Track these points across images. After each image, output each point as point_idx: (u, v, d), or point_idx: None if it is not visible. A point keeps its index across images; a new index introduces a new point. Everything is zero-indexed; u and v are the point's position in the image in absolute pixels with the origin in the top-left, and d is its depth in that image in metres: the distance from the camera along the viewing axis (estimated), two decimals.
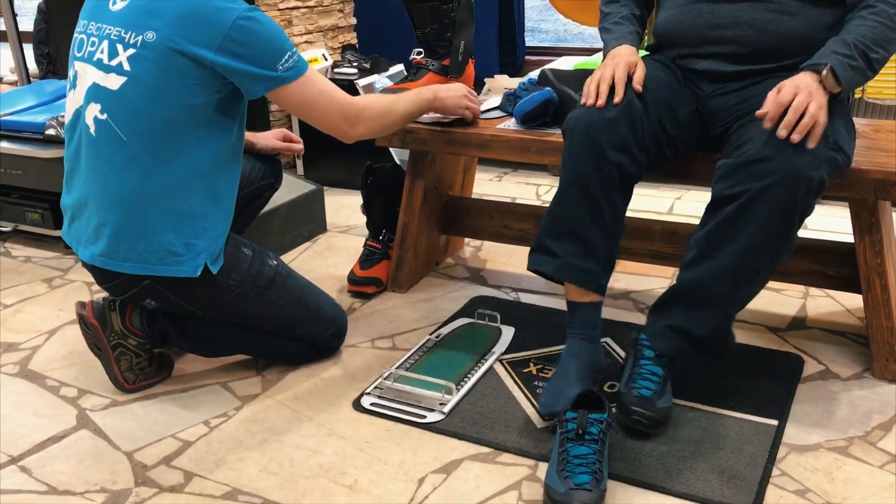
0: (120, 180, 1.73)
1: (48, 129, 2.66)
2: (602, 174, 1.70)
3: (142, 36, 1.67)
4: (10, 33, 3.57)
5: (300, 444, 1.73)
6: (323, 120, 1.83)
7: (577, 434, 1.52)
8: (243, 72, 1.69)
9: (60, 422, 1.83)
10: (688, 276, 1.68)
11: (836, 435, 1.71)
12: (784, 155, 1.55)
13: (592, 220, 1.72)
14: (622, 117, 1.69)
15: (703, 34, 1.81)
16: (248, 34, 1.67)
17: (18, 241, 2.91)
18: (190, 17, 1.66)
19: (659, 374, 1.67)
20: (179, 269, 1.75)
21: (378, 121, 1.92)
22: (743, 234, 1.59)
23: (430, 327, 2.21)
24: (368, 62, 3.40)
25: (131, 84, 1.69)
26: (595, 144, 1.69)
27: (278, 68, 1.71)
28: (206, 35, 1.65)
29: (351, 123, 1.85)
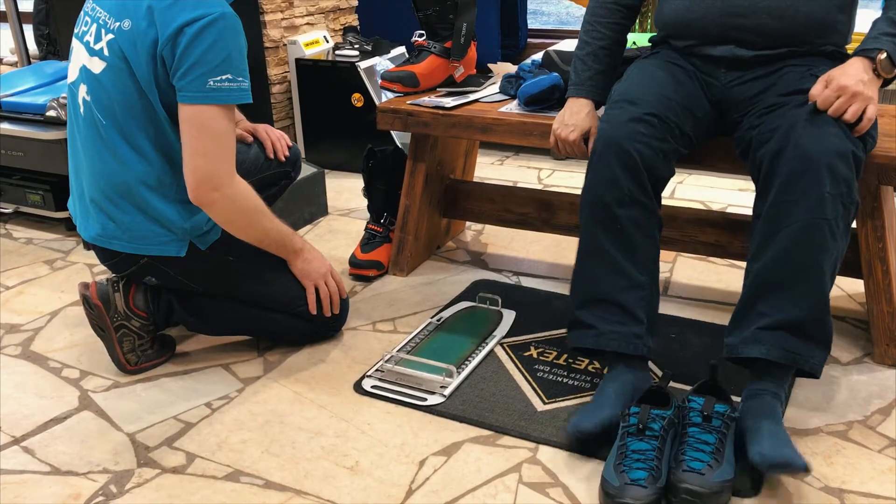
0: (102, 163, 1.78)
1: (49, 111, 2.65)
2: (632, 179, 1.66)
3: (119, 23, 1.69)
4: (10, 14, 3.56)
5: (302, 426, 1.74)
6: (198, 156, 1.68)
7: (638, 429, 1.51)
8: (178, 69, 1.65)
9: (63, 403, 1.84)
10: (759, 265, 1.57)
11: (836, 419, 1.72)
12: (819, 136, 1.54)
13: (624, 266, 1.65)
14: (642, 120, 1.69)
15: (718, 23, 1.78)
16: (206, 31, 1.63)
17: (20, 222, 2.91)
18: (162, 5, 1.65)
19: (711, 442, 1.48)
20: (165, 249, 1.80)
21: (235, 213, 1.76)
22: (800, 200, 1.52)
23: (431, 310, 2.21)
24: (370, 44, 3.39)
25: (108, 70, 1.72)
26: (620, 149, 1.65)
27: (209, 82, 1.64)
28: (170, 19, 1.64)
29: (212, 186, 1.69)
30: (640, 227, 1.67)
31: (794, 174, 1.54)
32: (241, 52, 1.69)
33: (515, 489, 1.54)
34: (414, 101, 2.28)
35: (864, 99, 1.57)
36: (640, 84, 1.80)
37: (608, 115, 1.75)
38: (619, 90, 1.81)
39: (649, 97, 1.74)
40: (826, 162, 1.52)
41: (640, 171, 1.66)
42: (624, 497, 1.43)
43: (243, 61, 1.69)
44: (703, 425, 1.52)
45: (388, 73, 2.40)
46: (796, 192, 1.53)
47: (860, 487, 1.52)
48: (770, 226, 1.56)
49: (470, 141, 2.59)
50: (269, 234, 1.85)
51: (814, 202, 1.52)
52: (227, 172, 1.72)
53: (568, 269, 2.44)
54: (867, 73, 1.60)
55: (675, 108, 1.75)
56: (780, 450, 1.43)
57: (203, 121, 1.67)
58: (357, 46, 3.39)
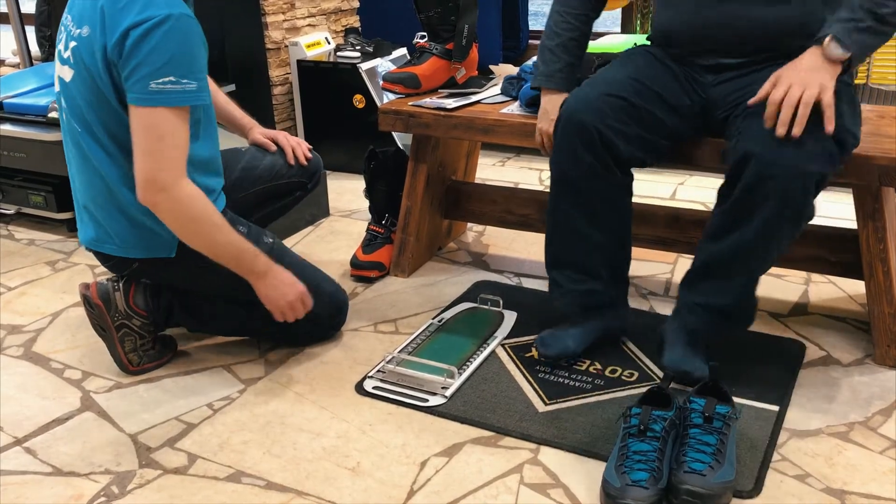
0: (84, 170, 1.80)
1: (51, 112, 2.65)
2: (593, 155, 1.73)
3: (80, 30, 1.68)
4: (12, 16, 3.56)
5: (303, 427, 1.74)
6: (143, 156, 1.65)
7: (640, 430, 1.51)
8: (123, 70, 1.62)
9: (65, 404, 1.84)
10: (713, 249, 1.70)
11: (837, 420, 1.72)
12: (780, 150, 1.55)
13: (587, 231, 1.80)
14: (608, 101, 1.73)
15: (701, 34, 1.79)
16: (150, 33, 1.59)
17: (22, 223, 2.92)
18: (115, 5, 1.62)
19: (712, 443, 1.50)
20: (154, 251, 1.81)
21: (181, 218, 1.70)
22: (762, 206, 1.59)
23: (432, 311, 2.22)
24: (371, 46, 3.39)
25: (76, 78, 1.72)
26: (582, 126, 1.72)
27: (151, 84, 1.60)
28: (118, 21, 1.61)
29: (157, 188, 1.65)
30: (605, 198, 1.80)
31: (754, 185, 1.58)
32: (189, 55, 1.64)
33: (517, 490, 1.54)
34: (415, 102, 2.28)
35: (815, 84, 1.54)
36: (616, 68, 1.86)
37: (576, 91, 1.82)
38: (598, 73, 1.87)
39: (620, 79, 1.79)
40: (785, 181, 1.55)
41: (599, 148, 1.73)
42: (625, 498, 1.43)
43: (192, 63, 1.64)
44: (704, 426, 1.52)
45: (389, 74, 2.40)
46: (754, 202, 1.60)
47: (861, 489, 1.52)
48: (728, 220, 1.66)
49: (471, 142, 2.59)
50: (221, 248, 1.75)
51: (769, 215, 1.60)
52: (173, 174, 1.66)
53: None
54: (816, 60, 1.57)
55: (646, 94, 1.78)
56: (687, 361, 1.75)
57: (148, 123, 1.63)
58: (358, 48, 3.39)
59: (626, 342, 2.00)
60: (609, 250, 1.86)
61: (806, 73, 1.56)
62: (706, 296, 1.75)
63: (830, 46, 1.56)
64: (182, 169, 1.68)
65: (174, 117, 1.64)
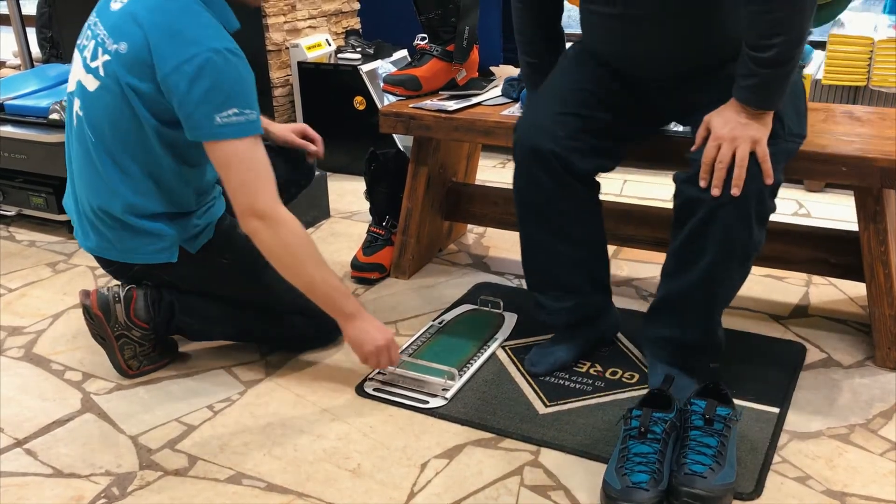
0: (89, 179, 1.81)
1: (52, 114, 2.66)
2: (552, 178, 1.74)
3: (116, 45, 1.68)
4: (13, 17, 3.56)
5: (304, 429, 1.74)
6: (235, 188, 1.66)
7: (640, 432, 1.51)
8: (180, 105, 1.64)
9: (65, 405, 1.84)
10: (670, 287, 1.72)
11: (838, 423, 1.72)
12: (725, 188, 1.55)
13: (559, 248, 1.82)
14: (558, 121, 1.74)
15: (618, 54, 1.76)
16: (201, 72, 1.60)
17: (22, 225, 2.92)
18: (158, 39, 1.63)
19: (713, 445, 1.50)
20: (156, 256, 1.82)
21: (279, 246, 1.69)
22: (707, 250, 1.61)
23: (432, 313, 2.22)
24: (372, 47, 3.39)
25: (101, 90, 1.72)
26: (537, 151, 1.73)
27: (216, 118, 1.62)
28: (168, 55, 1.62)
29: (257, 216, 1.66)
30: (571, 216, 1.81)
31: (698, 230, 1.60)
32: (243, 85, 1.65)
33: (517, 492, 1.54)
34: (416, 104, 2.28)
35: (746, 141, 1.54)
36: (560, 76, 1.84)
37: (526, 114, 1.84)
38: (544, 86, 1.86)
39: (566, 92, 1.78)
40: (727, 226, 1.56)
41: (557, 170, 1.74)
42: (626, 500, 1.43)
43: (247, 93, 1.66)
44: (704, 428, 1.52)
45: (390, 76, 2.40)
46: (700, 246, 1.61)
47: (862, 491, 1.52)
48: (678, 261, 1.68)
49: (472, 144, 2.59)
50: (314, 283, 1.74)
51: (713, 259, 1.61)
52: (267, 200, 1.66)
53: None
54: (742, 113, 1.56)
55: (591, 102, 1.77)
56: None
57: (225, 156, 1.65)
58: (359, 50, 3.39)
59: (627, 344, 2.00)
60: (586, 263, 1.87)
61: (736, 127, 1.55)
62: (666, 330, 1.76)
63: (747, 108, 1.56)
64: (272, 192, 1.67)
65: (246, 146, 1.65)
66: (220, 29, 1.68)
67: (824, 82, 3.01)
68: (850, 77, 2.99)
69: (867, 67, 2.98)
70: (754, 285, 2.33)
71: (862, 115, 2.06)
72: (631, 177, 3.20)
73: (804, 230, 2.13)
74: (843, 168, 1.78)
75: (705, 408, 1.54)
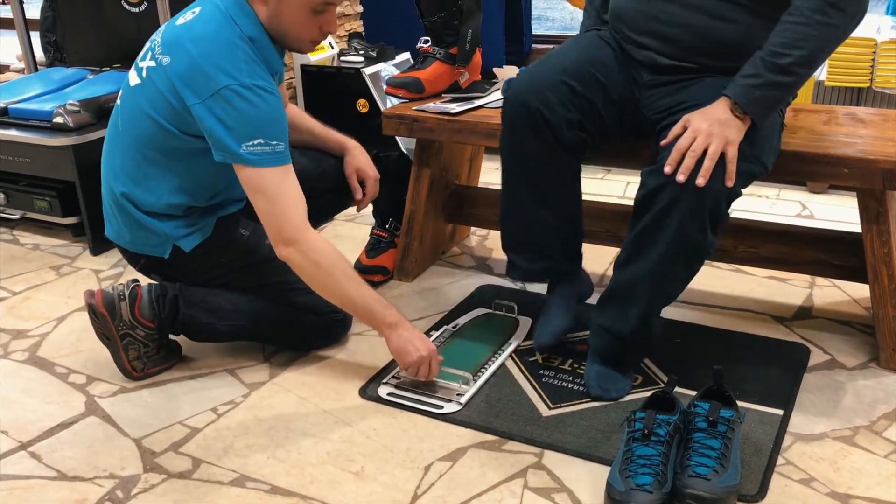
0: (110, 160, 1.90)
1: (56, 117, 2.66)
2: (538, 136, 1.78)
3: (161, 56, 1.75)
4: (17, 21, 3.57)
5: (307, 431, 1.74)
6: (263, 217, 1.74)
7: (644, 434, 1.51)
8: (210, 130, 1.70)
9: (69, 408, 1.85)
10: (618, 278, 1.76)
11: (842, 424, 1.71)
12: (689, 178, 1.57)
13: (539, 213, 1.86)
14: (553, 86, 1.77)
15: (643, 25, 1.80)
16: (233, 103, 1.66)
17: (27, 228, 2.92)
18: (199, 64, 1.68)
19: (716, 447, 1.50)
20: (154, 250, 1.91)
21: (312, 269, 1.75)
22: (659, 243, 1.64)
23: (436, 315, 2.22)
24: (375, 50, 3.40)
25: (140, 89, 1.81)
26: (526, 108, 1.77)
27: (242, 146, 1.68)
28: (201, 85, 1.68)
29: (285, 241, 1.73)
30: (553, 179, 1.85)
31: (653, 222, 1.63)
32: (271, 119, 1.70)
33: (521, 494, 1.54)
34: (419, 106, 2.29)
35: (721, 139, 1.57)
36: (567, 49, 1.89)
37: (523, 72, 1.87)
38: (549, 53, 1.91)
39: (568, 64, 1.81)
40: (682, 220, 1.60)
41: (543, 130, 1.77)
42: (630, 502, 1.43)
43: (275, 127, 1.71)
44: (708, 430, 1.51)
45: (393, 79, 2.41)
46: (654, 238, 1.65)
47: (866, 493, 1.52)
48: (630, 252, 1.71)
49: (475, 146, 2.60)
50: (353, 298, 1.79)
51: (662, 252, 1.64)
52: (295, 225, 1.72)
53: None
54: (725, 112, 1.60)
55: (591, 83, 1.80)
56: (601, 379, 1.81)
57: (253, 182, 1.71)
58: (362, 52, 3.40)
59: None
60: (561, 230, 1.91)
61: (714, 124, 1.59)
62: (608, 320, 1.79)
63: (734, 107, 1.60)
64: (303, 221, 1.73)
65: (275, 175, 1.71)
66: (258, 66, 1.72)
67: (827, 83, 3.01)
68: (853, 78, 2.99)
69: (870, 69, 2.98)
70: (757, 287, 2.33)
71: (864, 116, 2.07)
72: (634, 178, 3.20)
73: (807, 232, 2.13)
74: (845, 170, 1.78)
75: (709, 410, 1.54)
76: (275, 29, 1.76)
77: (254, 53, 1.72)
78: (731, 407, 1.57)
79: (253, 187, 1.72)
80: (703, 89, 1.72)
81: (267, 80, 1.72)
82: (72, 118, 2.64)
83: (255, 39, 1.73)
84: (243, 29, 1.72)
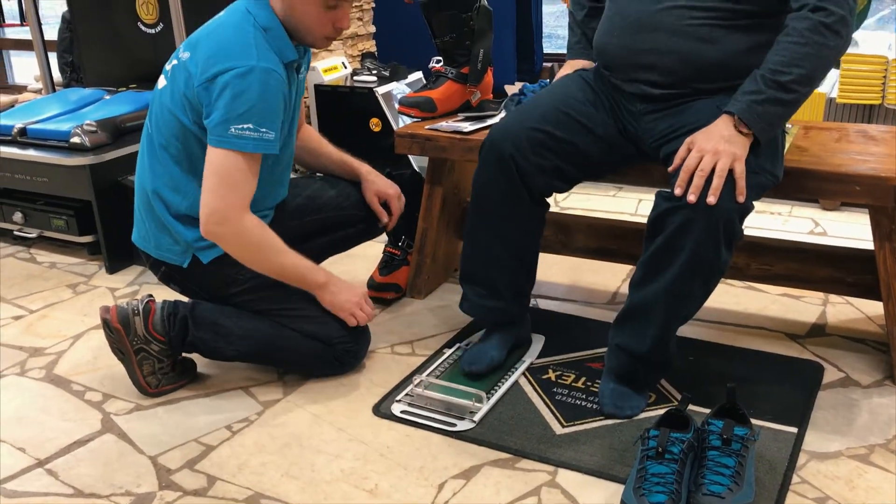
0: (143, 162, 1.95)
1: (73, 137, 2.69)
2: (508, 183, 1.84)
3: (182, 53, 1.83)
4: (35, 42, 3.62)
5: (321, 449, 1.75)
6: (206, 195, 1.78)
7: (658, 452, 1.51)
8: (207, 111, 1.75)
9: (86, 426, 1.86)
10: (634, 298, 1.76)
11: (857, 443, 1.71)
12: (700, 198, 1.58)
13: (497, 253, 1.93)
14: (529, 134, 1.82)
15: (629, 60, 1.82)
16: (232, 81, 1.71)
17: (44, 246, 2.95)
18: (208, 51, 1.77)
19: (731, 465, 1.50)
20: (174, 258, 1.94)
21: (243, 248, 1.83)
22: (674, 264, 1.65)
23: (449, 333, 2.22)
24: (387, 70, 3.43)
25: (165, 89, 1.87)
26: (500, 156, 1.83)
27: (230, 129, 1.73)
28: (207, 66, 1.75)
29: (217, 220, 1.78)
30: (516, 224, 1.91)
31: (667, 243, 1.64)
32: (269, 106, 1.74)
33: None
34: (432, 125, 2.30)
35: (728, 155, 1.58)
36: (546, 96, 1.94)
37: (504, 120, 1.95)
38: (527, 100, 1.99)
39: (545, 110, 1.86)
40: (697, 241, 1.60)
41: (515, 178, 1.84)
42: None
43: (270, 114, 1.75)
44: (722, 448, 1.51)
45: (405, 98, 2.43)
46: (668, 259, 1.65)
47: None
48: (646, 272, 1.72)
49: None
50: (285, 269, 1.88)
51: (677, 273, 1.65)
52: (235, 209, 1.78)
53: (587, 292, 2.45)
54: (729, 129, 1.62)
55: (569, 125, 1.85)
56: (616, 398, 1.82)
57: (219, 162, 1.76)
58: (375, 72, 3.43)
59: None
60: (516, 272, 1.98)
61: (719, 142, 1.61)
62: (625, 339, 1.79)
63: (738, 123, 1.62)
64: (243, 204, 1.80)
65: (242, 161, 1.76)
66: (267, 51, 1.77)
67: (839, 101, 3.01)
68: (865, 96, 2.99)
69: (882, 86, 2.99)
70: (771, 304, 2.32)
71: (876, 133, 2.07)
72: (645, 196, 3.21)
73: (820, 249, 2.13)
74: (857, 187, 1.78)
75: (723, 428, 1.53)
76: (289, 22, 1.80)
77: (265, 40, 1.77)
78: (745, 425, 1.57)
79: (216, 165, 1.76)
80: (698, 111, 1.74)
81: (272, 63, 1.75)
82: (88, 138, 2.68)
83: (268, 29, 1.78)
84: (257, 18, 1.78)
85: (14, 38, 5.68)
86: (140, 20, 3.35)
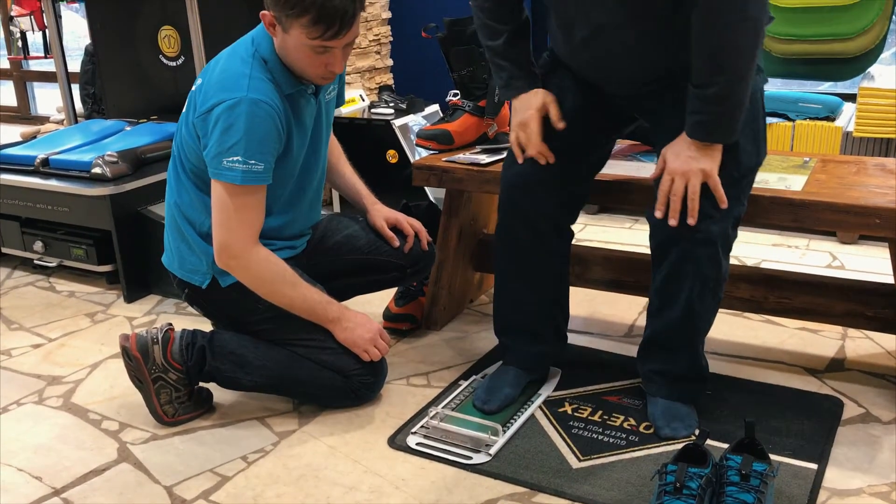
0: (170, 188, 1.99)
1: (94, 168, 2.73)
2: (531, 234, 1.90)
3: (199, 80, 1.88)
4: (59, 74, 3.68)
5: (336, 481, 1.74)
6: (216, 229, 1.83)
7: (676, 487, 1.50)
8: (204, 143, 1.81)
9: (102, 455, 1.87)
10: (655, 326, 1.85)
11: (879, 480, 1.68)
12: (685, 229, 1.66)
13: (531, 298, 1.97)
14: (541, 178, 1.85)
15: (594, 74, 1.85)
16: (224, 113, 1.75)
17: (63, 276, 2.98)
18: (211, 78, 1.82)
19: (749, 501, 1.48)
20: (194, 277, 1.97)
21: (253, 280, 1.87)
22: (683, 289, 1.74)
23: (464, 365, 2.22)
24: (405, 103, 3.46)
25: (184, 115, 1.92)
26: (517, 209, 1.89)
27: (223, 161, 1.76)
28: (206, 98, 1.80)
29: (229, 255, 1.83)
30: (543, 267, 1.96)
31: (674, 273, 1.74)
32: (256, 137, 1.76)
33: None
34: (449, 158, 2.32)
35: (696, 174, 1.63)
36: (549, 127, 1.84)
37: (512, 167, 1.90)
38: None
39: (554, 142, 1.83)
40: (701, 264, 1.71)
41: (538, 224, 1.90)
42: None
43: (258, 146, 1.77)
44: (741, 484, 1.50)
45: (423, 131, 2.45)
46: (677, 287, 1.75)
47: None
48: (659, 301, 1.81)
49: None
50: (294, 302, 1.90)
51: (688, 295, 1.74)
52: (242, 242, 1.83)
53: (603, 325, 2.44)
54: (691, 147, 1.66)
55: (573, 150, 1.86)
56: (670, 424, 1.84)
57: (219, 196, 1.81)
58: (392, 105, 3.46)
59: None
60: (551, 313, 2.02)
61: (686, 161, 1.65)
62: (658, 364, 1.87)
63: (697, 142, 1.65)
64: (252, 239, 1.84)
65: (240, 192, 1.80)
66: (261, 82, 1.79)
67: (855, 135, 3.01)
68: (882, 129, 2.98)
69: None
70: (789, 338, 2.31)
71: (894, 167, 2.06)
72: None
73: (839, 282, 2.11)
74: (876, 220, 1.78)
75: (741, 463, 1.52)
76: (284, 58, 1.83)
77: (262, 71, 1.80)
78: (764, 460, 1.55)
79: (217, 198, 1.81)
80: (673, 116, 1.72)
81: (268, 96, 1.78)
82: (109, 169, 2.72)
83: (268, 60, 1.82)
84: (259, 49, 1.82)
85: (38, 69, 5.79)
86: (162, 53, 3.40)
